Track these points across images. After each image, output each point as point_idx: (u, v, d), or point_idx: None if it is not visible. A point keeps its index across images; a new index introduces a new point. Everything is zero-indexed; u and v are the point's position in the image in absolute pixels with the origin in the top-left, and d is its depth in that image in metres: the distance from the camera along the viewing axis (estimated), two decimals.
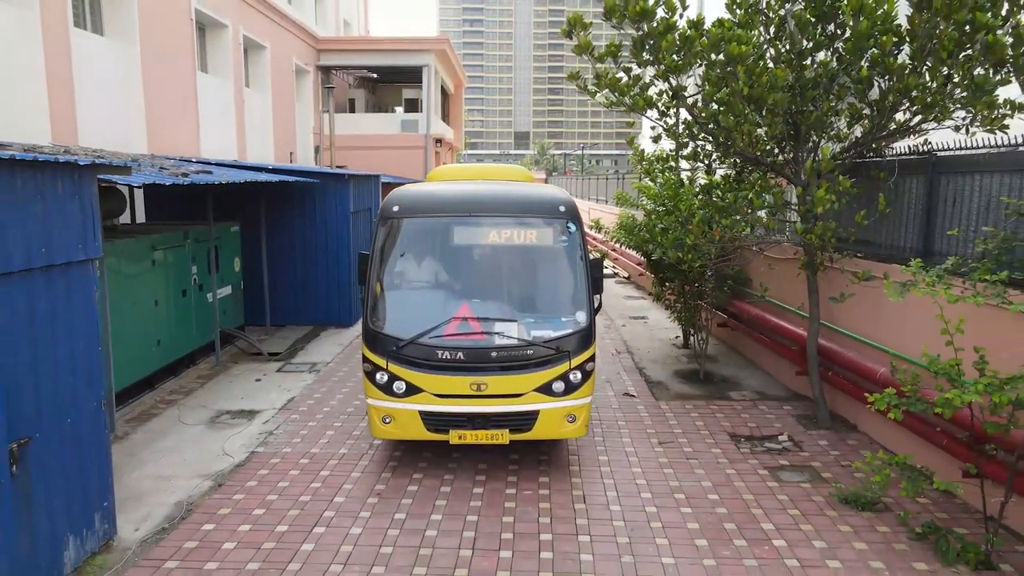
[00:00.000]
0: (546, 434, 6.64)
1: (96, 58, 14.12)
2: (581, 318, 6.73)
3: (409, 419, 6.53)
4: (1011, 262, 5.50)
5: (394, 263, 7.04)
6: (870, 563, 5.29)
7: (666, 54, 7.60)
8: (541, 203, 7.10)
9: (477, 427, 6.51)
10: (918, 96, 6.67)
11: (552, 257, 7.15)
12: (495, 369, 6.45)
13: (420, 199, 7.25)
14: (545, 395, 6.51)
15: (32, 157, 4.39)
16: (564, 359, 6.51)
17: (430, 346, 6.46)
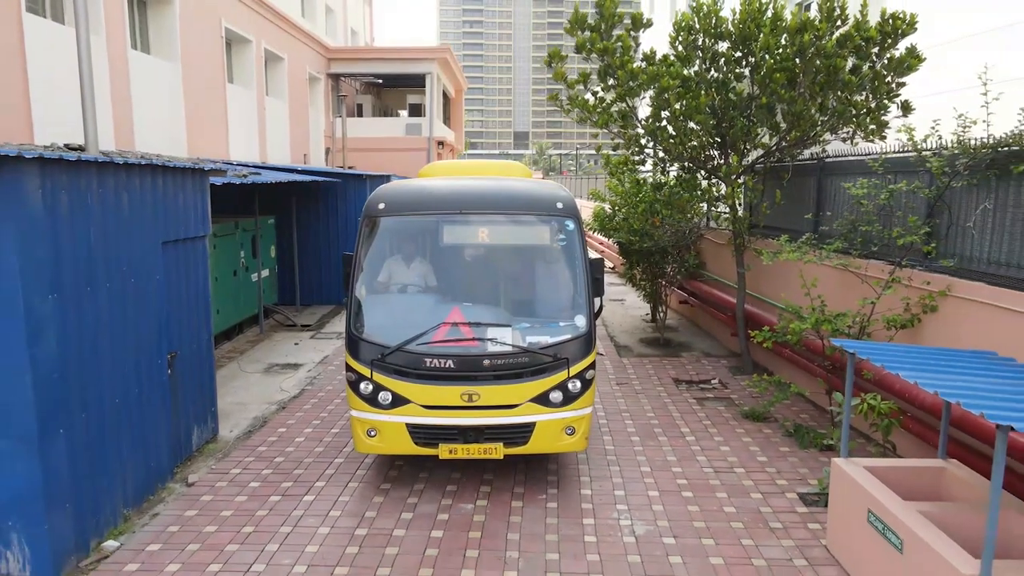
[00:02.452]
0: (543, 447, 6.18)
1: (147, 75, 16.37)
2: (580, 323, 6.24)
3: (395, 432, 6.07)
4: (852, 238, 7.75)
5: (379, 264, 6.60)
6: (751, 449, 7.54)
7: (621, 82, 9.84)
8: (537, 199, 6.64)
9: (469, 441, 6.07)
10: (804, 119, 8.93)
11: (549, 257, 6.71)
12: (488, 378, 5.97)
13: (407, 196, 6.78)
14: (542, 406, 6.03)
15: (175, 164, 6.63)
16: (562, 367, 6.04)
17: (417, 354, 5.98)
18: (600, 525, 5.85)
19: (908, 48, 9.21)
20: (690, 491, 6.49)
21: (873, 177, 7.56)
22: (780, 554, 5.40)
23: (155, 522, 5.86)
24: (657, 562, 5.28)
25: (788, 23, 9.06)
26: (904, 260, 7.03)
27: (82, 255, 5.21)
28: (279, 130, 25.34)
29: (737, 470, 6.97)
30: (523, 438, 6.12)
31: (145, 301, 6.11)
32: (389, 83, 35.98)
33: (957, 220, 6.59)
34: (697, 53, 10.07)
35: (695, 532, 5.74)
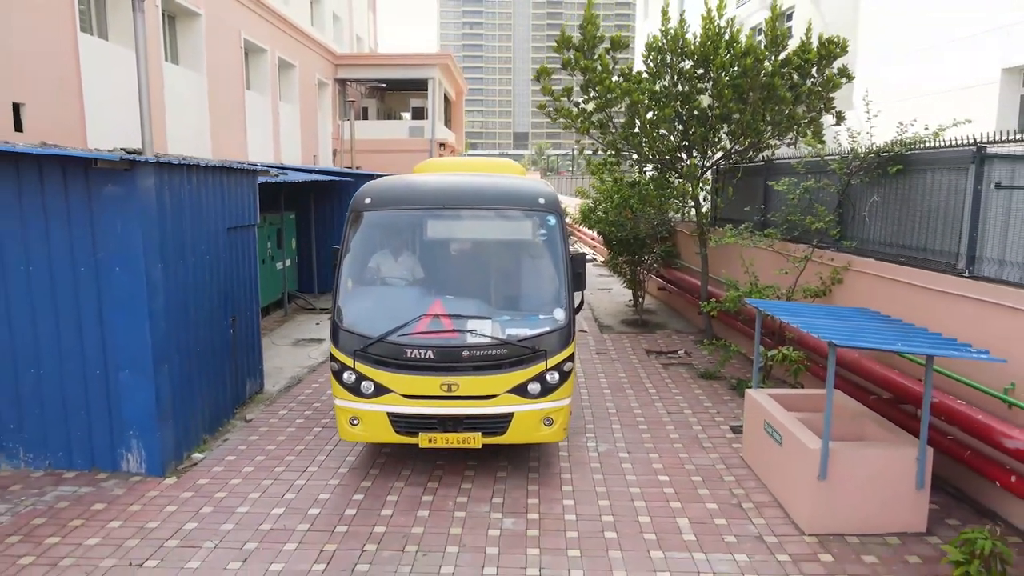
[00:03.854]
0: (521, 438, 6.36)
1: (177, 84, 18.07)
2: (559, 316, 6.40)
3: (377, 421, 6.30)
4: (784, 226, 9.44)
5: (364, 258, 6.80)
6: (700, 398, 9.24)
7: (600, 95, 11.53)
8: (519, 195, 6.80)
9: (448, 430, 6.28)
10: (751, 128, 10.63)
11: (530, 252, 6.86)
12: (467, 369, 6.15)
13: (393, 191, 6.94)
14: (520, 396, 6.21)
15: (235, 166, 8.30)
16: (540, 359, 6.20)
17: (398, 344, 6.18)
18: (572, 446, 7.53)
19: (840, 68, 10.94)
20: (645, 425, 8.19)
21: (795, 177, 9.26)
22: (707, 462, 7.09)
23: (226, 444, 7.55)
24: (612, 467, 6.97)
25: (737, 47, 10.75)
26: (818, 242, 8.72)
27: (177, 235, 6.89)
28: (291, 133, 27.03)
29: (686, 411, 8.67)
30: (501, 428, 6.29)
31: (216, 274, 7.80)
32: (393, 87, 37.65)
33: (856, 210, 8.28)
34: (666, 70, 11.77)
35: (644, 449, 7.43)
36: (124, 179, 6.13)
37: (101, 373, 6.49)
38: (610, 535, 5.60)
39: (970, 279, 6.26)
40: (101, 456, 6.64)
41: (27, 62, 12.54)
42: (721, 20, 11.32)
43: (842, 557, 5.27)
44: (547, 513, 5.96)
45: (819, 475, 5.47)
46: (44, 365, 6.51)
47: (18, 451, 6.68)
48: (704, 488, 6.49)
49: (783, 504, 6.06)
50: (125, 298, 6.32)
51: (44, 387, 6.56)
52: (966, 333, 6.08)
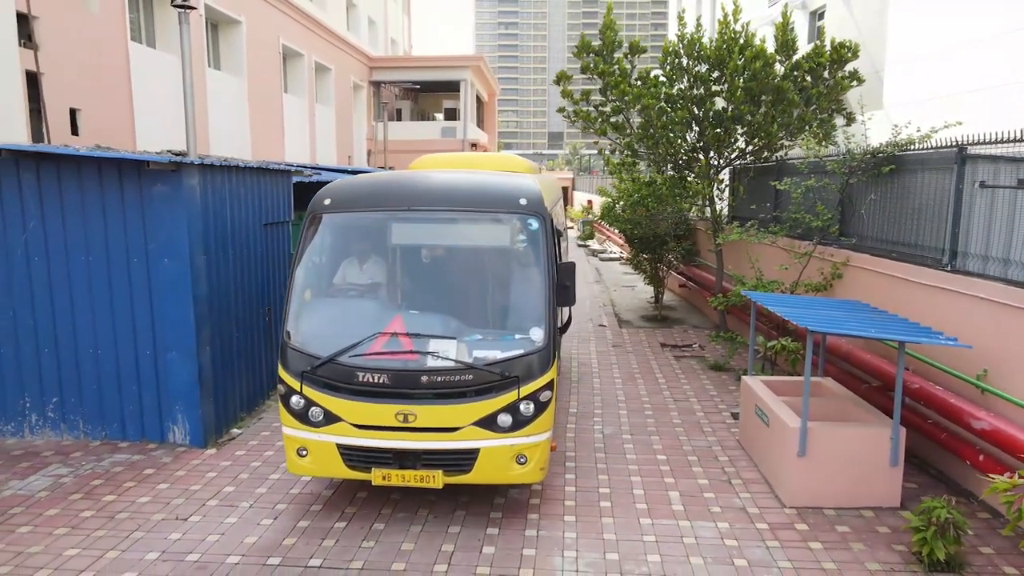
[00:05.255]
0: (489, 477, 5.52)
1: (219, 88, 18.98)
2: (537, 336, 5.54)
3: (326, 453, 5.56)
4: (788, 224, 9.83)
5: (319, 266, 6.09)
6: (706, 387, 9.68)
7: (616, 99, 12.02)
8: (497, 195, 5.98)
9: (405, 466, 5.49)
10: (762, 129, 11.02)
11: (507, 260, 6.04)
12: (426, 397, 5.37)
13: (355, 191, 6.19)
14: (487, 430, 5.39)
15: (271, 167, 8.99)
16: (511, 386, 5.38)
17: (349, 366, 5.43)
18: (579, 428, 8.06)
19: (851, 71, 11.28)
20: (651, 411, 8.68)
21: (799, 176, 9.66)
22: (704, 444, 7.57)
23: (262, 422, 8.23)
24: (615, 447, 7.48)
25: (751, 51, 11.14)
26: (820, 239, 9.11)
27: (218, 230, 7.58)
28: (327, 134, 27.94)
29: (691, 399, 9.13)
30: (465, 466, 5.46)
31: (253, 267, 8.49)
32: (426, 88, 38.47)
33: (855, 208, 8.66)
34: (682, 73, 12.21)
35: (647, 432, 7.93)
36: (172, 179, 6.83)
37: (151, 353, 7.22)
38: (604, 504, 6.13)
39: (951, 273, 6.63)
40: (151, 428, 7.37)
41: (82, 70, 13.47)
42: (736, 25, 11.73)
43: (816, 527, 5.72)
44: (549, 484, 6.51)
45: (798, 452, 5.92)
46: (101, 346, 7.26)
47: (79, 423, 7.44)
48: (698, 466, 6.96)
49: (768, 480, 6.52)
50: (172, 286, 7.03)
51: (102, 366, 7.32)
52: (947, 324, 6.46)
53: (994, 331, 5.97)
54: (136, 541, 5.46)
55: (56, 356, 7.32)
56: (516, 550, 5.36)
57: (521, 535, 5.58)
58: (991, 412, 5.72)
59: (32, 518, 5.80)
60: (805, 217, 9.10)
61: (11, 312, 7.27)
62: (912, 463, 6.93)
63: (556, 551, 5.35)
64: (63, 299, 7.20)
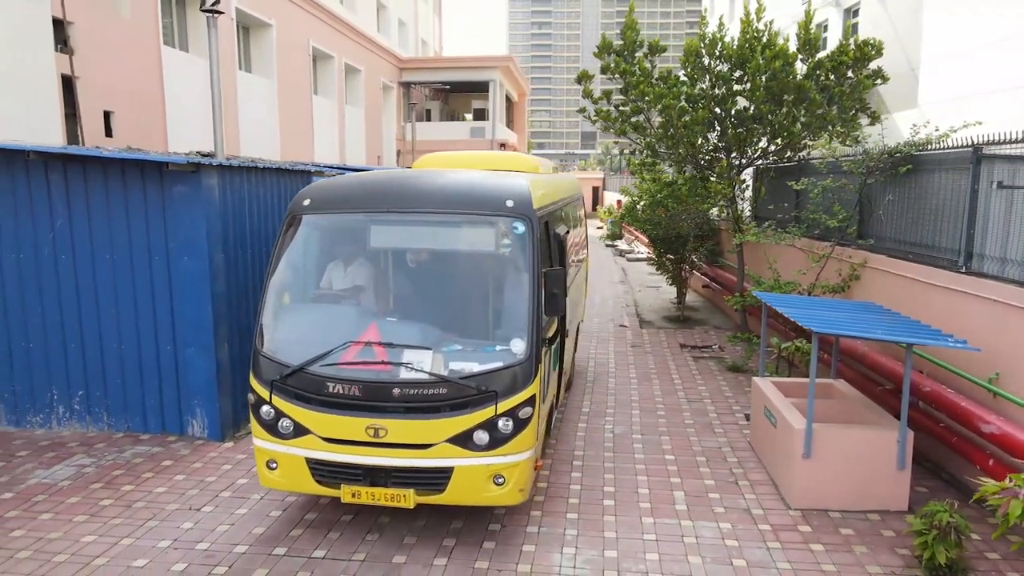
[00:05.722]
0: (464, 498, 5.23)
1: (249, 90, 19.36)
2: (518, 348, 5.22)
3: (295, 467, 5.32)
4: (806, 225, 9.74)
5: (294, 270, 5.87)
6: (722, 388, 9.65)
7: (636, 99, 12.01)
8: (481, 197, 5.65)
9: (375, 483, 5.20)
10: (783, 129, 10.93)
11: (489, 266, 5.73)
12: (398, 411, 5.11)
13: (335, 191, 5.94)
14: (461, 448, 5.10)
15: (289, 167, 9.19)
16: (488, 402, 5.08)
17: (319, 376, 5.20)
18: (590, 427, 8.10)
19: (875, 69, 11.12)
20: (663, 411, 8.67)
21: (817, 177, 9.56)
22: (714, 445, 7.55)
23: None
24: (624, 447, 7.50)
25: (772, 50, 11.04)
26: (838, 240, 9.01)
27: (238, 229, 7.77)
28: (356, 135, 28.30)
29: (705, 400, 9.11)
30: (438, 485, 5.16)
31: None
32: (456, 89, 38.72)
33: (873, 209, 8.55)
34: (704, 73, 12.15)
35: (657, 432, 7.93)
36: (191, 179, 7.04)
37: (171, 349, 7.44)
38: (608, 503, 6.16)
39: (966, 275, 6.53)
40: (171, 421, 7.60)
41: (116, 74, 13.87)
42: (759, 23, 11.64)
43: (820, 528, 5.69)
44: (555, 483, 6.56)
45: (804, 453, 5.89)
46: (125, 341, 7.50)
47: (103, 415, 7.70)
48: (706, 467, 6.96)
49: (775, 481, 6.49)
50: (191, 284, 7.24)
51: (125, 361, 7.56)
52: (962, 326, 6.36)
53: (1007, 334, 5.87)
54: (150, 529, 5.65)
55: (82, 351, 7.58)
56: (516, 546, 5.43)
57: (523, 531, 5.65)
58: (1000, 416, 5.64)
59: (54, 505, 6.04)
60: (822, 217, 9.01)
61: (40, 309, 7.56)
62: (925, 467, 6.85)
63: (556, 548, 5.41)
64: (88, 296, 7.46)
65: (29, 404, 7.76)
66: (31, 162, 7.21)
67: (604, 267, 23.63)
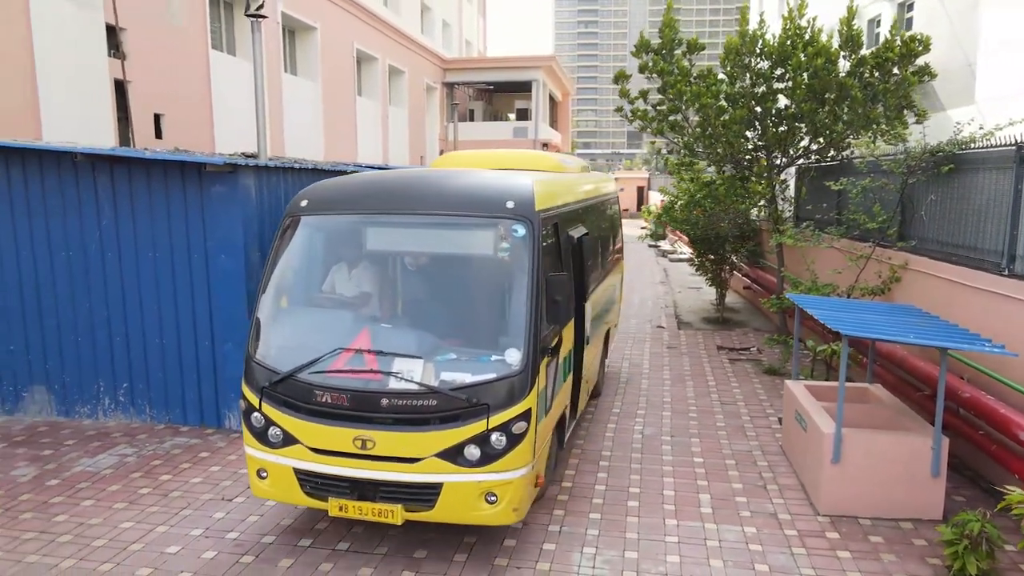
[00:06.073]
0: (453, 516, 4.98)
1: (294, 93, 19.76)
2: (513, 359, 4.92)
3: (284, 477, 5.16)
4: (845, 226, 9.52)
5: (289, 273, 5.66)
6: (757, 390, 9.50)
7: (673, 98, 11.90)
8: (480, 198, 5.42)
9: (363, 497, 4.99)
10: (824, 127, 10.70)
11: (487, 271, 5.47)
12: (386, 422, 4.90)
13: (333, 192, 5.75)
14: (451, 463, 4.85)
15: (325, 167, 9.37)
16: (480, 415, 4.82)
17: (307, 384, 5.03)
18: (620, 428, 8.07)
19: (922, 66, 10.81)
20: (695, 413, 8.59)
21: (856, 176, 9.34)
22: (745, 448, 7.45)
23: None
24: (652, 448, 7.46)
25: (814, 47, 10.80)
26: (878, 241, 8.78)
27: (272, 227, 7.93)
28: (399, 135, 28.65)
29: (739, 403, 8.98)
30: (427, 501, 4.93)
31: None
32: (499, 89, 38.87)
33: (915, 209, 8.31)
34: (743, 71, 11.95)
35: (687, 434, 7.86)
36: (229, 180, 7.25)
37: (209, 344, 7.67)
38: (632, 503, 6.14)
39: (1008, 278, 6.31)
40: (208, 414, 7.84)
41: (166, 78, 14.33)
42: (802, 20, 11.41)
43: (848, 536, 5.57)
44: (579, 483, 6.57)
45: (832, 458, 5.77)
46: (166, 336, 7.77)
47: (145, 407, 7.99)
48: (735, 470, 6.87)
49: (805, 486, 6.37)
50: (228, 281, 7.46)
51: (166, 355, 7.82)
52: (1003, 330, 6.15)
53: None
54: (184, 518, 5.85)
55: (126, 345, 7.87)
56: (536, 544, 5.45)
57: (544, 529, 5.67)
58: None
59: (96, 492, 6.30)
60: (861, 218, 8.80)
61: (88, 304, 7.87)
62: (965, 476, 6.64)
63: (576, 547, 5.42)
64: (132, 293, 7.74)
65: (77, 395, 8.10)
66: (79, 163, 7.52)
67: (646, 268, 23.46)
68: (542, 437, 5.28)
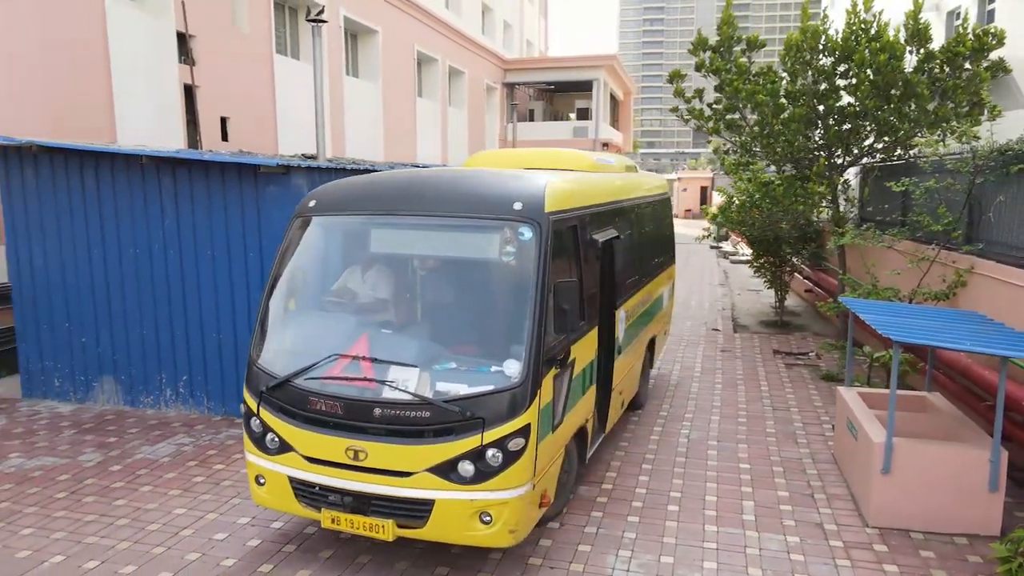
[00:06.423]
0: (446, 535, 4.74)
1: (355, 95, 20.19)
2: (511, 370, 4.64)
3: (280, 485, 5.04)
4: (912, 227, 9.15)
5: (293, 275, 5.50)
6: (812, 397, 9.23)
7: (729, 96, 11.67)
8: (487, 198, 5.14)
9: (355, 510, 4.80)
10: (887, 125, 10.31)
11: (490, 276, 5.21)
12: (378, 432, 4.68)
13: (341, 192, 5.59)
14: (443, 479, 4.60)
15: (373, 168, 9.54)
16: (474, 429, 4.54)
17: (302, 390, 4.89)
18: (666, 431, 7.97)
19: (996, 60, 10.30)
20: (745, 419, 8.40)
21: (919, 176, 8.97)
22: (794, 455, 7.25)
23: None
24: (697, 453, 7.34)
25: (879, 43, 10.41)
26: (944, 243, 8.41)
27: None
28: (459, 135, 28.94)
29: (792, 409, 8.75)
30: (419, 517, 4.68)
31: None
32: (560, 89, 38.82)
33: (983, 211, 7.93)
34: (806, 68, 11.62)
35: (735, 439, 7.70)
36: (282, 181, 7.49)
37: None
38: (672, 508, 6.06)
39: None
40: None
41: (232, 82, 14.86)
42: (867, 14, 11.03)
43: (898, 549, 5.36)
44: (620, 485, 6.52)
45: (883, 468, 5.57)
46: (223, 331, 8.07)
47: (204, 399, 8.32)
48: (782, 478, 6.70)
49: (855, 497, 6.17)
50: None
51: (223, 349, 8.13)
52: None
53: None
54: (234, 506, 6.07)
55: (186, 339, 8.22)
56: (572, 545, 5.45)
57: (580, 531, 5.66)
58: None
59: (154, 479, 6.60)
60: (924, 219, 8.45)
61: (152, 299, 8.25)
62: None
63: (612, 549, 5.38)
64: (192, 289, 8.08)
65: (142, 386, 8.50)
66: (145, 166, 7.89)
67: (706, 269, 23.08)
68: (547, 455, 4.96)
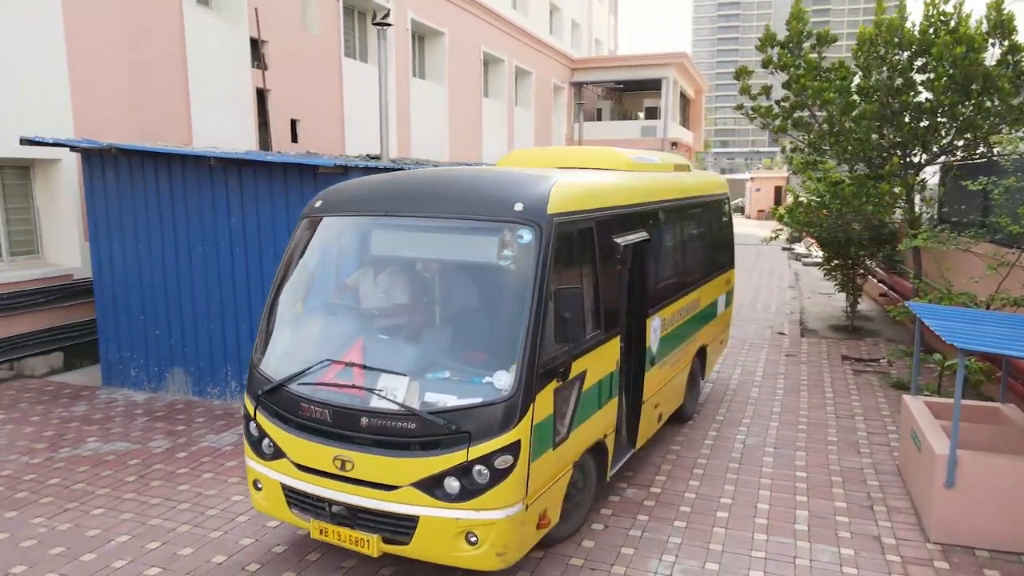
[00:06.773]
0: (431, 554, 4.50)
1: (422, 96, 20.49)
2: (502, 382, 4.38)
3: (274, 491, 4.94)
4: (991, 229, 8.67)
5: (296, 276, 5.40)
6: (880, 405, 8.87)
7: (796, 93, 11.31)
8: (487, 200, 4.92)
9: (341, 522, 4.66)
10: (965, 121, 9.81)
11: (487, 281, 5.00)
12: (364, 442, 4.52)
13: (347, 192, 5.49)
14: (427, 495, 4.38)
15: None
16: (460, 443, 4.31)
17: (295, 396, 4.79)
18: (721, 436, 7.79)
19: None
20: (805, 426, 8.14)
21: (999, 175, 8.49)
22: (855, 465, 6.98)
23: None
24: (752, 459, 7.15)
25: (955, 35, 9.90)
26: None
27: None
28: (525, 135, 29.00)
29: (856, 417, 8.42)
30: (403, 533, 4.48)
31: None
32: (629, 88, 38.42)
33: None
34: (879, 63, 11.16)
35: (792, 447, 7.47)
36: (339, 181, 7.67)
37: None
38: (721, 514, 5.93)
39: None
40: None
41: (302, 85, 15.33)
42: (947, 5, 10.52)
43: (960, 567, 5.10)
44: (669, 489, 6.42)
45: (946, 481, 5.30)
46: None
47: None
48: (840, 488, 6.46)
49: (918, 511, 5.89)
50: None
51: None
52: None
53: None
54: None
55: (250, 335, 8.50)
56: (615, 547, 5.40)
57: (624, 533, 5.60)
58: None
59: (216, 467, 6.89)
60: (1004, 221, 8.00)
61: (219, 295, 8.61)
62: None
63: (655, 554, 5.31)
64: (256, 285, 8.37)
65: (209, 378, 8.87)
66: (213, 167, 8.23)
67: (775, 271, 22.46)
68: (546, 473, 4.67)
